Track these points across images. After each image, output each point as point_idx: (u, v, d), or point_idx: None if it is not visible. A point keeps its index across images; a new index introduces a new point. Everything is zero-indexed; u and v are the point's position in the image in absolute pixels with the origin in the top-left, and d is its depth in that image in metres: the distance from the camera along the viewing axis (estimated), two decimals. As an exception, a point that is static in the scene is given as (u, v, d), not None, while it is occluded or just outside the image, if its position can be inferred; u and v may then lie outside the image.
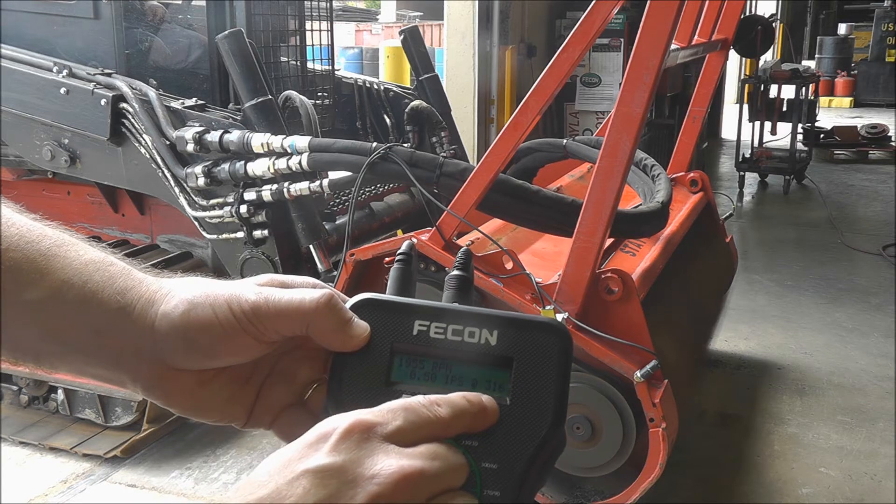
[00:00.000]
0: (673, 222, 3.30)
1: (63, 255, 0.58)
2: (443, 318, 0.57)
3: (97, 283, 0.58)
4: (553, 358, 0.56)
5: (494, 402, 0.54)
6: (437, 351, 0.57)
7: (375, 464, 0.46)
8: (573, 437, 2.54)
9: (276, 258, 3.34)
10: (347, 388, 0.56)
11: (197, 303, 0.58)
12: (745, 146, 8.83)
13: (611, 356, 2.41)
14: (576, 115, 7.80)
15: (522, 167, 3.70)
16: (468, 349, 0.56)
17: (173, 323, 0.58)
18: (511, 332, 0.56)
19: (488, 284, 2.50)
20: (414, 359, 0.57)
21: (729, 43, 3.96)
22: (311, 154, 3.09)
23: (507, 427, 0.54)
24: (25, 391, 3.64)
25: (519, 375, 0.55)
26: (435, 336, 0.57)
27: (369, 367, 0.57)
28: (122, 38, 3.72)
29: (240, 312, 0.57)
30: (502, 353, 0.56)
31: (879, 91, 16.36)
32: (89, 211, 4.03)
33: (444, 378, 0.56)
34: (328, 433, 0.47)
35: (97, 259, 0.60)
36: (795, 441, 3.57)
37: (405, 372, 0.57)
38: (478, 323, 0.57)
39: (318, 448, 0.47)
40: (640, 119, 2.29)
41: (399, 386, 0.56)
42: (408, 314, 0.58)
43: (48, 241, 0.59)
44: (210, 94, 3.84)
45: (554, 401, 0.55)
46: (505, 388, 0.55)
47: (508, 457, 0.53)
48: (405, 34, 4.60)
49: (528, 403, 0.55)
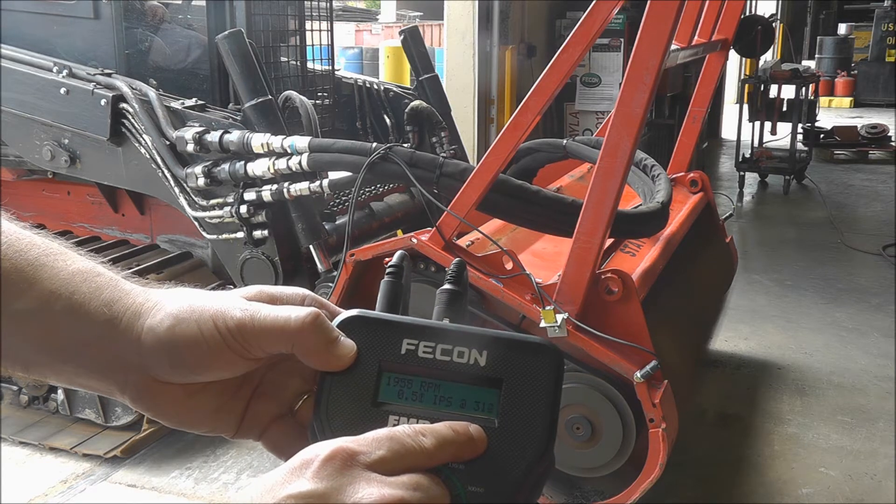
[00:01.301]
0: (673, 223, 3.30)
1: (51, 265, 0.58)
2: (432, 337, 0.56)
3: (84, 293, 0.58)
4: (543, 379, 0.55)
5: (482, 431, 0.53)
6: (426, 371, 0.56)
7: (357, 491, 0.46)
8: (573, 437, 2.54)
9: (276, 258, 3.34)
10: (334, 407, 0.56)
11: (182, 318, 0.58)
12: (745, 146, 8.83)
13: (611, 356, 2.41)
14: (576, 115, 7.80)
15: (522, 167, 3.70)
16: (457, 370, 0.56)
17: (159, 337, 0.58)
18: (501, 353, 0.56)
19: (488, 285, 2.50)
20: (402, 378, 0.56)
21: (729, 43, 3.96)
22: (311, 154, 3.09)
23: (495, 450, 0.53)
24: (25, 391, 3.64)
25: (508, 397, 0.55)
26: (423, 356, 0.56)
27: (356, 387, 0.56)
28: (122, 38, 3.72)
29: (224, 330, 0.56)
30: (491, 374, 0.55)
31: (879, 91, 16.35)
32: (89, 211, 4.03)
33: (432, 398, 0.56)
34: (311, 459, 0.47)
35: (84, 269, 0.60)
36: (795, 441, 3.57)
37: (393, 392, 0.56)
38: (467, 343, 0.56)
39: (301, 474, 0.47)
40: (640, 119, 2.29)
41: (386, 406, 0.55)
42: (396, 333, 0.57)
43: (36, 251, 0.59)
44: (210, 95, 3.84)
45: (543, 423, 0.54)
46: (494, 410, 0.55)
47: (496, 480, 0.52)
48: (405, 34, 4.60)
49: (517, 426, 0.54)
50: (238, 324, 0.56)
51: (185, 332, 0.57)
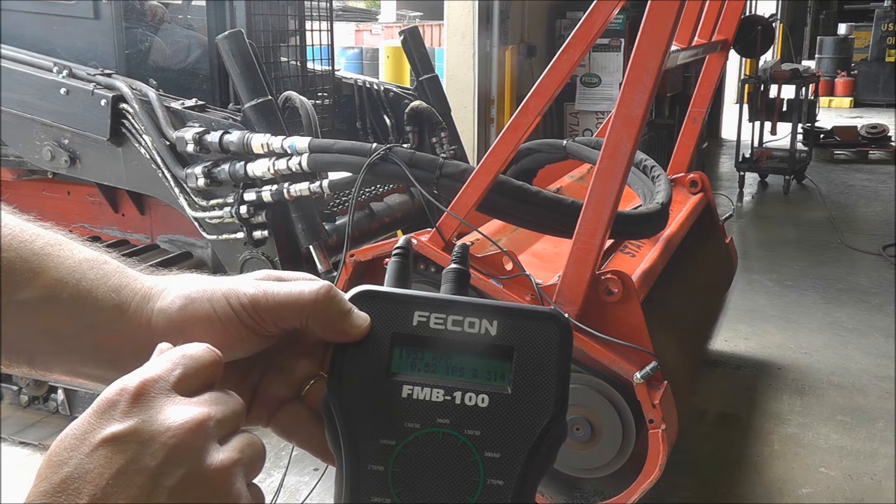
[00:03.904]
0: (673, 223, 3.30)
1: (56, 255, 0.58)
2: (442, 308, 0.57)
3: (91, 281, 0.58)
4: (553, 347, 0.56)
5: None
6: (437, 342, 0.57)
7: (167, 418, 0.46)
8: (573, 438, 2.54)
9: (276, 259, 3.34)
10: (348, 379, 0.56)
11: (194, 297, 0.57)
12: (745, 146, 8.83)
13: (610, 357, 2.41)
14: (576, 116, 7.80)
15: (522, 168, 3.69)
16: (468, 339, 0.56)
17: (170, 318, 0.57)
18: (511, 322, 0.56)
19: (488, 286, 2.50)
20: (414, 350, 0.57)
21: (729, 44, 3.96)
22: (310, 155, 3.09)
23: (509, 417, 0.54)
24: (25, 391, 3.65)
25: (520, 365, 0.55)
26: (435, 327, 0.57)
27: (369, 359, 0.57)
28: (122, 39, 3.72)
29: (238, 306, 0.56)
30: (503, 343, 0.56)
31: (879, 91, 16.36)
32: (89, 211, 4.04)
33: (444, 368, 0.56)
34: (116, 399, 0.47)
35: (91, 258, 0.60)
36: (795, 441, 3.57)
37: (405, 363, 0.57)
38: (477, 313, 0.57)
39: (110, 415, 0.46)
40: (640, 120, 2.29)
41: (399, 377, 0.56)
42: (407, 305, 0.57)
43: (41, 241, 0.58)
44: (210, 95, 3.84)
45: (555, 390, 0.55)
46: (506, 378, 0.55)
47: (511, 446, 0.53)
48: (405, 34, 4.59)
49: (530, 393, 0.55)
50: (251, 299, 0.56)
51: (198, 311, 0.57)
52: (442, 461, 0.53)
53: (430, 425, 0.54)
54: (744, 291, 5.22)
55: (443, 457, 0.53)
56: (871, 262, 6.25)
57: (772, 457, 3.44)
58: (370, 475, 0.54)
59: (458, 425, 0.54)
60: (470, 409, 0.54)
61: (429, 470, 0.53)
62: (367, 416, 0.55)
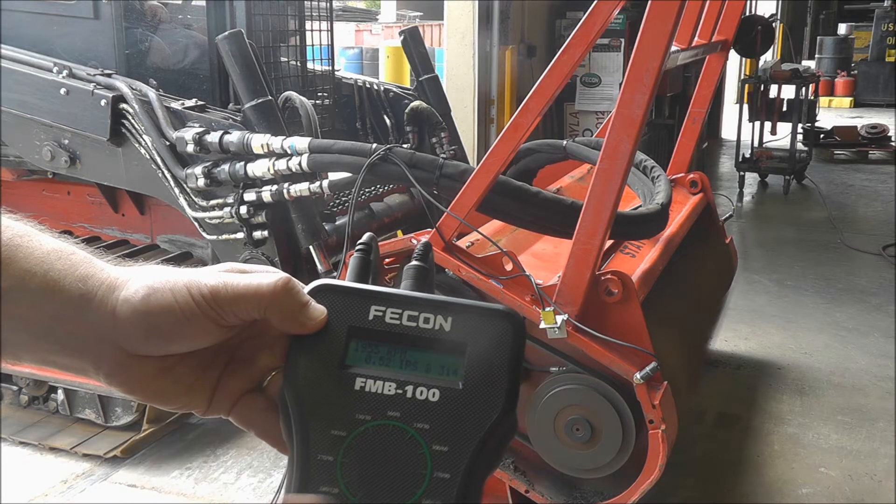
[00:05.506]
0: (673, 224, 3.30)
1: (25, 246, 0.59)
2: (398, 303, 0.58)
3: (59, 271, 0.59)
4: (506, 344, 0.57)
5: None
6: (393, 336, 0.58)
7: None
8: (573, 438, 2.54)
9: (276, 259, 3.34)
10: (303, 371, 0.57)
11: (157, 287, 0.58)
12: (745, 146, 8.83)
13: (610, 358, 2.41)
14: (576, 116, 7.80)
15: (522, 168, 3.69)
16: (423, 335, 0.57)
17: (134, 307, 0.58)
18: (465, 319, 0.58)
19: (488, 286, 2.50)
20: (369, 343, 0.58)
21: (729, 44, 3.96)
22: (310, 155, 3.09)
23: (459, 411, 0.55)
24: (25, 391, 3.65)
25: (472, 361, 0.56)
26: (391, 321, 0.58)
27: (325, 351, 0.58)
28: (122, 39, 3.72)
29: (199, 296, 0.57)
30: (456, 338, 0.57)
31: (879, 91, 16.36)
32: (89, 211, 4.04)
33: (398, 362, 0.57)
34: None
35: (59, 248, 0.61)
36: (795, 441, 3.57)
37: (360, 356, 0.58)
38: (432, 309, 0.58)
39: None
40: (640, 121, 2.29)
41: (353, 369, 0.57)
42: (364, 299, 0.59)
43: (10, 232, 0.59)
44: (210, 95, 3.84)
45: (506, 386, 0.56)
46: (458, 374, 0.56)
47: (459, 440, 0.54)
48: (405, 34, 4.60)
49: (480, 388, 0.56)
50: (212, 290, 0.58)
51: (160, 301, 0.58)
52: (390, 453, 0.54)
53: (380, 417, 0.55)
54: (744, 291, 5.22)
55: (391, 449, 0.54)
56: (871, 262, 6.25)
57: (772, 457, 3.45)
58: (320, 465, 0.55)
59: (407, 418, 0.55)
60: (421, 402, 0.56)
61: (377, 461, 0.54)
62: (319, 406, 0.56)
